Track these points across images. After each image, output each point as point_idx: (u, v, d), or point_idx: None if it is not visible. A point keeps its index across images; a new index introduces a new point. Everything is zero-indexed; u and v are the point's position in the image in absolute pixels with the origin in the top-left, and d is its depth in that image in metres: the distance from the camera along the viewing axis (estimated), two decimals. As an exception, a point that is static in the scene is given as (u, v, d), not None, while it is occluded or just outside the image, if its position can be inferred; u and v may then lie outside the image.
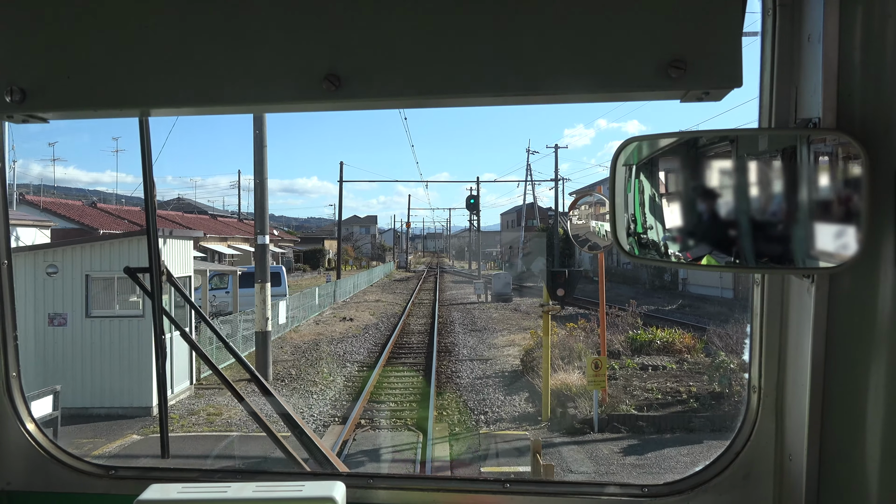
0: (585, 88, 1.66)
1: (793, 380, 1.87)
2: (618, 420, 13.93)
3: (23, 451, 2.38)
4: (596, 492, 2.11)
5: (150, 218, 2.52)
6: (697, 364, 18.03)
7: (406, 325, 30.94)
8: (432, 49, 1.68)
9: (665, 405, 14.76)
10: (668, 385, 16.19)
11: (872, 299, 1.54)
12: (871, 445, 1.58)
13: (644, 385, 16.13)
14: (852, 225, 1.48)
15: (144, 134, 2.36)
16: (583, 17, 1.61)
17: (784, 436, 1.93)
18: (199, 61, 1.75)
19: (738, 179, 1.64)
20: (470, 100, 1.75)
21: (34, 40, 1.79)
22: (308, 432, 2.62)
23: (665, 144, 1.72)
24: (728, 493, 2.03)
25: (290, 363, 21.42)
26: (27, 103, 1.79)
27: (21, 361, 2.41)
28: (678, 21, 1.58)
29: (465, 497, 2.17)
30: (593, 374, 13.45)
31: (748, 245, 1.63)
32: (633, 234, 1.71)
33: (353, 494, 2.07)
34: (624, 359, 18.91)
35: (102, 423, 15.04)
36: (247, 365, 2.83)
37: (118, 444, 13.68)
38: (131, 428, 14.74)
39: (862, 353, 1.60)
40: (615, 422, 13.88)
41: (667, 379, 16.82)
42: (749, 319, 2.01)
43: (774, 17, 1.73)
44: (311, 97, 1.73)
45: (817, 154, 1.57)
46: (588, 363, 13.94)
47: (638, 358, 19.16)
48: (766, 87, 1.79)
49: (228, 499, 1.98)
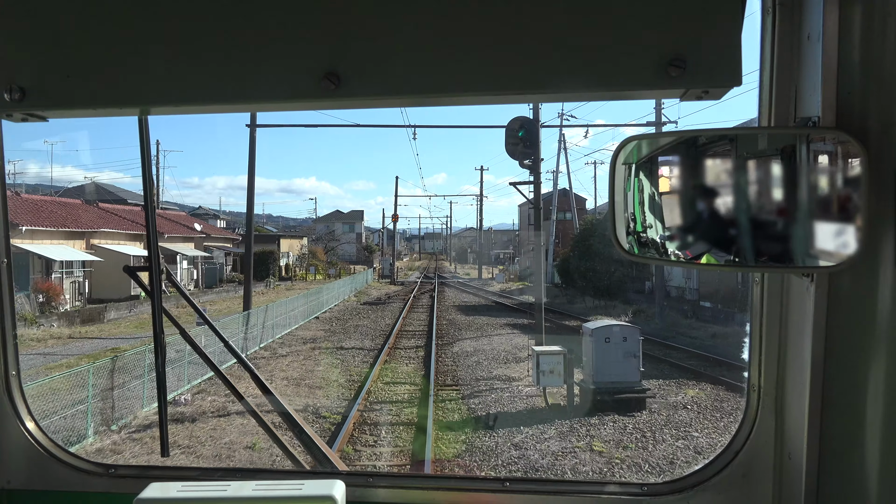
0: (585, 87, 1.66)
1: (792, 379, 1.87)
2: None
3: (23, 449, 2.38)
4: (596, 490, 2.11)
5: (149, 217, 2.52)
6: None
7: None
8: (431, 48, 1.68)
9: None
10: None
11: (872, 298, 1.54)
12: (870, 444, 1.58)
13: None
14: (852, 224, 1.48)
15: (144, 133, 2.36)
16: (583, 16, 1.61)
17: (783, 434, 1.93)
18: (199, 61, 1.75)
19: (738, 178, 1.64)
20: (469, 98, 1.75)
21: (34, 39, 1.79)
22: (308, 431, 2.62)
23: (664, 143, 1.72)
24: (727, 491, 2.03)
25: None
26: (26, 102, 1.79)
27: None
28: (678, 20, 1.58)
29: (465, 496, 2.17)
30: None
31: (748, 244, 1.63)
32: (632, 232, 1.71)
33: (352, 493, 2.07)
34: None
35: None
36: (247, 365, 2.83)
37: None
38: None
39: (861, 351, 1.60)
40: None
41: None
42: (749, 319, 2.01)
43: (774, 16, 1.73)
44: (311, 96, 1.73)
45: (817, 153, 1.57)
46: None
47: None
48: (765, 86, 1.79)
49: (228, 497, 1.98)
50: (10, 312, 2.35)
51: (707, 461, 2.09)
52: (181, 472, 2.32)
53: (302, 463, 2.51)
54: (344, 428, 13.90)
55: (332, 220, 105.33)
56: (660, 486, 2.10)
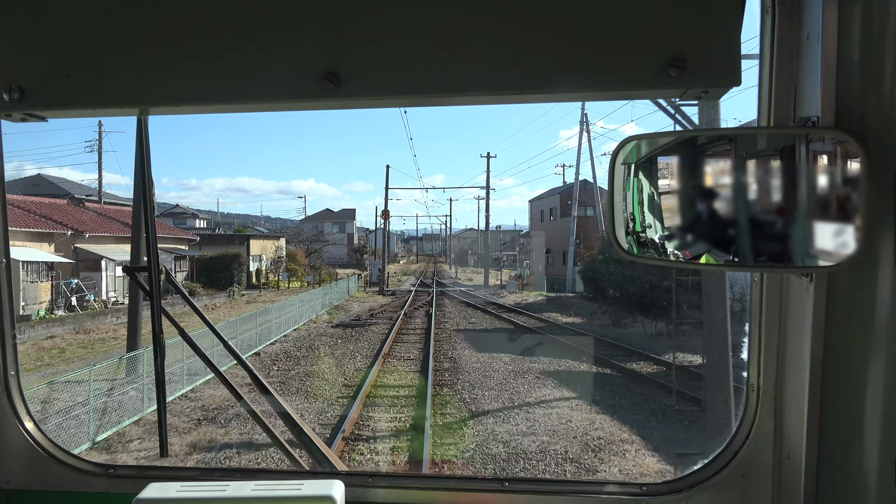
0: (585, 87, 1.66)
1: (791, 378, 1.87)
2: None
3: (22, 450, 2.37)
4: (595, 490, 2.11)
5: (149, 217, 2.52)
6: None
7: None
8: (431, 48, 1.68)
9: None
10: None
11: (871, 298, 1.54)
12: (869, 444, 1.58)
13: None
14: (851, 224, 1.48)
15: (142, 133, 2.36)
16: (582, 16, 1.62)
17: (782, 434, 1.93)
18: (198, 61, 1.75)
19: (737, 178, 1.64)
20: (469, 98, 1.75)
21: (33, 39, 1.79)
22: (307, 431, 2.62)
23: (664, 143, 1.72)
24: (726, 491, 2.03)
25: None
26: (26, 102, 1.79)
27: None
28: (678, 20, 1.58)
29: (465, 496, 2.17)
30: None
31: (747, 244, 1.63)
32: (631, 232, 1.71)
33: (351, 493, 2.07)
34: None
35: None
36: (247, 365, 2.83)
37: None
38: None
39: (860, 351, 1.60)
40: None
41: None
42: (748, 318, 2.01)
43: (773, 16, 1.73)
44: (311, 96, 1.73)
45: (816, 153, 1.57)
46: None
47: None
48: (764, 86, 1.79)
49: (227, 497, 1.98)
50: (10, 313, 2.34)
51: (706, 461, 2.09)
52: (180, 473, 2.32)
53: (301, 463, 2.51)
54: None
55: (322, 220, 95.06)
56: (659, 486, 2.10)
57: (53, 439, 2.44)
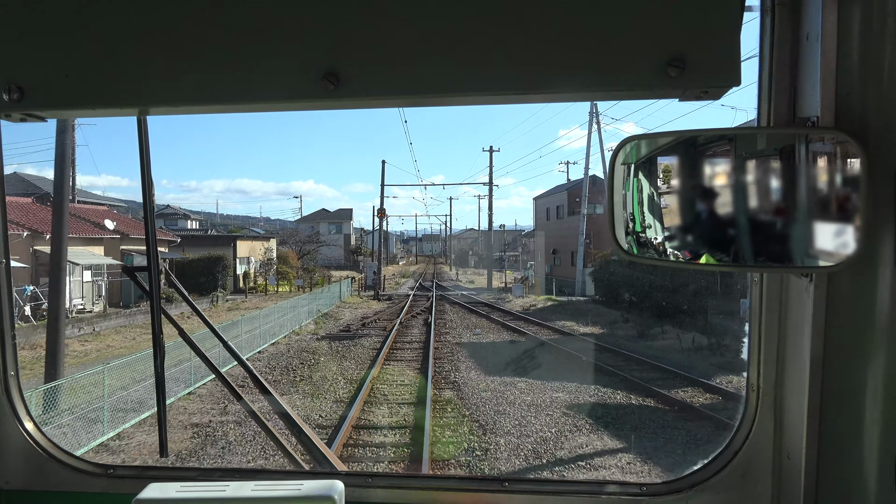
0: (584, 87, 1.66)
1: (791, 379, 1.87)
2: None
3: (21, 450, 2.37)
4: (595, 490, 2.11)
5: (148, 217, 2.52)
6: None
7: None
8: (431, 48, 1.67)
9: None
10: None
11: (871, 298, 1.55)
12: (869, 444, 1.58)
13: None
14: (850, 224, 1.48)
15: (142, 133, 2.36)
16: (582, 16, 1.61)
17: (782, 434, 1.93)
18: (198, 61, 1.75)
19: (737, 178, 1.64)
20: (469, 99, 1.75)
21: (33, 39, 1.79)
22: (307, 431, 2.62)
23: (663, 143, 1.72)
24: (726, 491, 2.03)
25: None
26: (25, 102, 1.79)
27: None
28: (677, 20, 1.58)
29: (464, 496, 2.17)
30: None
31: (747, 244, 1.63)
32: (631, 232, 1.71)
33: (351, 493, 2.07)
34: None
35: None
36: (246, 365, 2.83)
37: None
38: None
39: (860, 351, 1.60)
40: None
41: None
42: (748, 318, 2.01)
43: (773, 16, 1.73)
44: (310, 96, 1.73)
45: (816, 153, 1.58)
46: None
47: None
48: (764, 86, 1.79)
49: (227, 498, 1.98)
50: (9, 313, 2.34)
51: (706, 461, 2.09)
52: (180, 473, 2.32)
53: (301, 463, 2.51)
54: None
55: (318, 220, 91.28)
56: (659, 486, 2.10)
57: (53, 439, 2.44)
